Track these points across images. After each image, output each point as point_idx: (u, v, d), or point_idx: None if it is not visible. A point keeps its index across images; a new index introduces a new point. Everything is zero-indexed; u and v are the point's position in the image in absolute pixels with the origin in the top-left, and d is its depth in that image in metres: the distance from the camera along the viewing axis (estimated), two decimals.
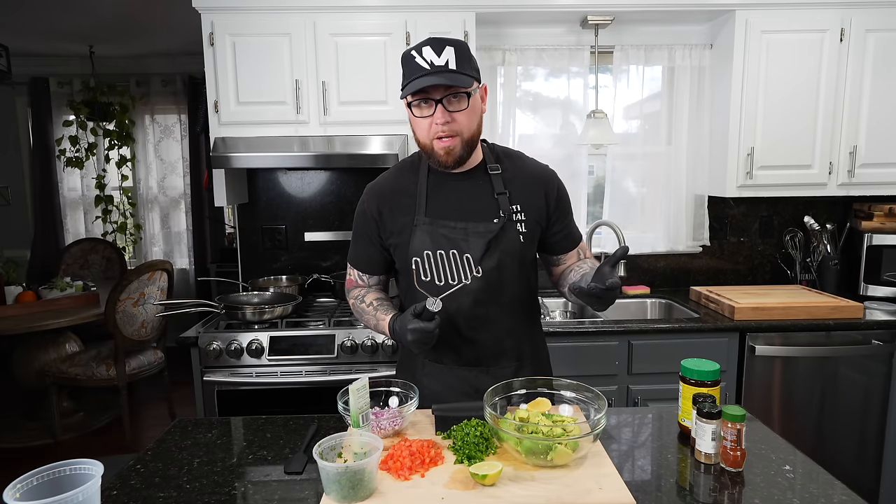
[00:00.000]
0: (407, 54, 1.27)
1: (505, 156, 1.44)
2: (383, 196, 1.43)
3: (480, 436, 1.16)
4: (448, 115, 1.26)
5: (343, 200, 2.83)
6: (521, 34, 2.73)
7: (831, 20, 2.46)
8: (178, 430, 1.36)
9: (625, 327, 2.27)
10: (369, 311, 1.43)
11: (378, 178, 1.50)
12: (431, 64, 1.22)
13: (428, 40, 1.26)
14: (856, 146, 2.53)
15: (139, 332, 3.29)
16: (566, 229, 1.47)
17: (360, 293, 1.48)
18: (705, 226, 2.87)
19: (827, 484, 1.09)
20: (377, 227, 1.43)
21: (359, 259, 1.49)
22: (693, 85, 2.76)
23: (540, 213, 1.41)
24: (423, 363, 1.45)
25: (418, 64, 1.23)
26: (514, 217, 1.37)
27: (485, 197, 1.38)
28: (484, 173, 1.39)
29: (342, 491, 0.98)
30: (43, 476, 0.92)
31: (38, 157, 4.75)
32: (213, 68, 2.39)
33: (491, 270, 1.35)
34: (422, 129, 1.31)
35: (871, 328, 2.30)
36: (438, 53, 1.23)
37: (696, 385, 1.27)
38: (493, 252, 1.35)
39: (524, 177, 1.41)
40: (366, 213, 1.44)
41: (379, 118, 2.44)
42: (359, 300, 1.47)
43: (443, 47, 1.24)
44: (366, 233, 1.45)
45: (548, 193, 1.41)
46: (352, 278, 1.51)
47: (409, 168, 1.45)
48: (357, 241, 1.49)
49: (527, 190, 1.40)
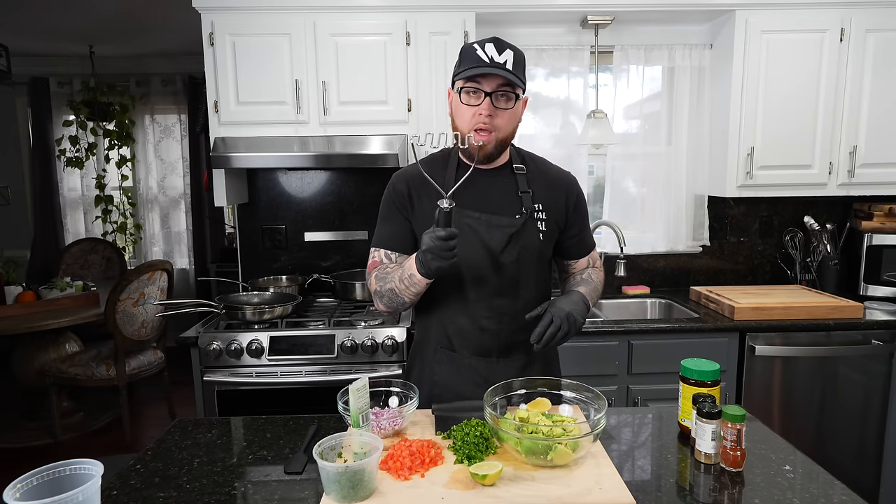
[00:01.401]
0: (468, 46, 1.32)
1: (530, 158, 1.51)
2: (413, 180, 1.45)
3: (480, 436, 1.16)
4: (493, 109, 1.32)
5: (343, 200, 2.83)
6: (521, 34, 2.73)
7: (831, 20, 2.46)
8: (178, 430, 1.36)
9: (625, 327, 2.27)
10: (393, 269, 1.40)
11: (405, 167, 1.53)
12: (491, 59, 1.28)
13: (492, 38, 1.31)
14: (856, 146, 2.53)
15: (139, 332, 3.29)
16: (581, 234, 1.53)
17: (383, 267, 1.45)
18: (705, 226, 2.87)
19: (827, 484, 1.09)
20: (409, 205, 1.44)
21: (390, 237, 1.46)
22: (693, 85, 2.76)
23: (559, 214, 1.47)
24: (435, 350, 1.47)
25: (479, 56, 1.29)
26: (535, 215, 1.43)
27: (509, 194, 1.43)
28: (510, 172, 1.46)
29: (342, 491, 0.98)
30: (43, 476, 0.92)
31: (38, 157, 4.75)
32: (213, 68, 2.39)
33: (510, 264, 1.41)
34: (464, 118, 1.35)
35: (871, 328, 2.30)
36: (499, 52, 1.29)
37: (696, 385, 1.27)
38: (514, 246, 1.40)
39: (547, 179, 1.48)
40: (397, 192, 1.46)
41: (379, 118, 2.44)
42: (382, 269, 1.44)
43: (504, 48, 1.30)
44: (396, 211, 1.46)
45: (568, 197, 1.48)
46: (376, 259, 1.47)
47: (439, 161, 1.49)
48: (387, 221, 1.47)
49: (549, 191, 1.46)
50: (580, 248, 1.55)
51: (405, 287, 1.33)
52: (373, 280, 1.44)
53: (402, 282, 1.34)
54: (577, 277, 1.55)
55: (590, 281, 1.51)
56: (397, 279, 1.35)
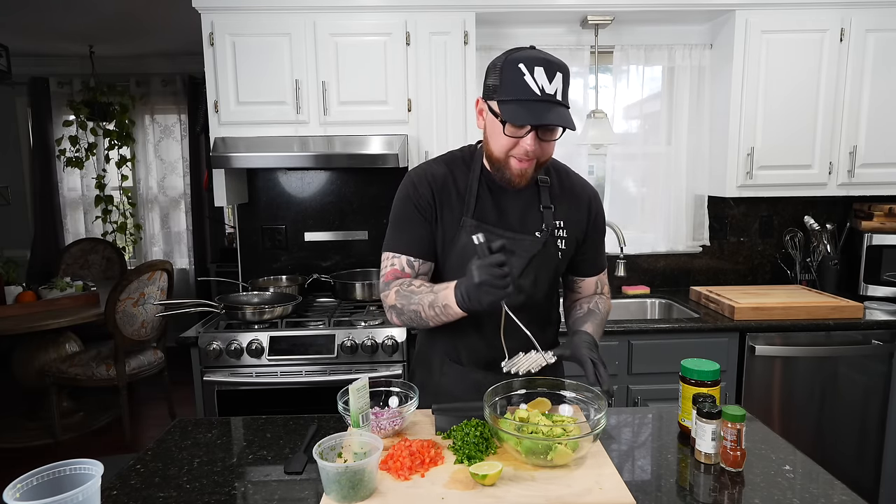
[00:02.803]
0: (513, 65, 1.16)
1: (554, 169, 1.43)
2: (436, 182, 1.34)
3: (480, 436, 1.16)
4: (539, 143, 1.21)
5: (343, 200, 2.83)
6: (521, 34, 2.73)
7: (831, 20, 2.46)
8: (178, 430, 1.36)
9: (625, 327, 2.27)
10: (421, 291, 1.27)
11: (426, 164, 1.40)
12: (542, 90, 1.14)
13: (541, 60, 1.15)
14: (856, 146, 2.53)
15: (139, 332, 3.29)
16: (594, 252, 1.47)
17: (403, 280, 1.33)
18: (705, 226, 2.87)
19: (827, 484, 1.09)
20: (432, 210, 1.34)
21: (413, 242, 1.35)
22: (693, 85, 2.76)
23: (579, 232, 1.41)
24: (442, 363, 1.44)
25: (528, 85, 1.15)
26: (556, 232, 1.37)
27: (531, 208, 1.36)
28: (534, 184, 1.37)
29: (342, 491, 0.98)
30: (43, 476, 0.92)
31: (38, 157, 4.75)
32: (213, 68, 2.39)
33: (528, 285, 1.35)
34: (500, 143, 1.23)
35: (871, 328, 2.30)
36: (550, 78, 1.15)
37: (696, 385, 1.27)
38: (532, 268, 1.35)
39: (570, 194, 1.41)
40: (420, 196, 1.34)
41: (379, 118, 2.44)
42: (404, 286, 1.31)
43: (554, 72, 1.15)
44: (418, 214, 1.34)
45: (590, 214, 1.42)
46: (396, 268, 1.35)
47: (461, 161, 1.39)
48: (406, 226, 1.35)
49: (571, 207, 1.40)
50: (592, 267, 1.48)
51: (434, 314, 1.24)
52: (392, 294, 1.32)
53: (433, 309, 1.23)
54: (583, 307, 1.46)
55: (596, 313, 1.43)
56: (426, 305, 1.24)
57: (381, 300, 1.38)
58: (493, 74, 1.22)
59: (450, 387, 1.42)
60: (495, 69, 1.21)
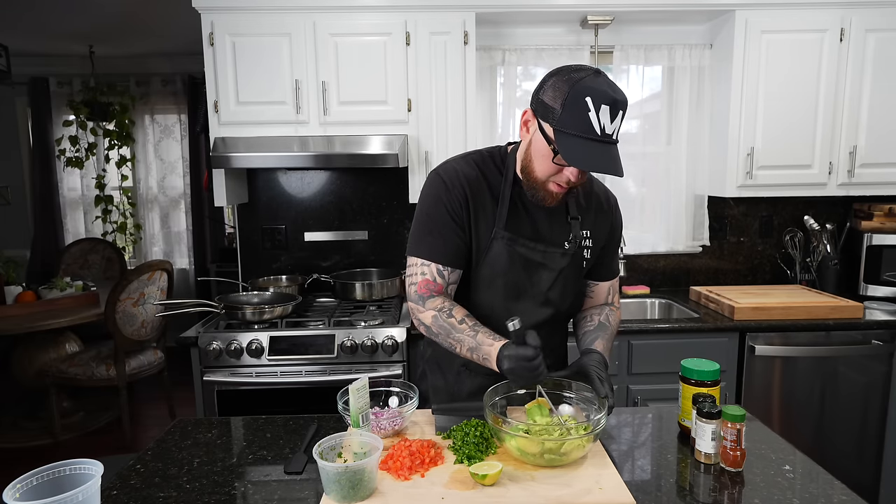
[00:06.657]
0: (582, 100, 1.11)
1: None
2: (471, 186, 1.29)
3: (480, 436, 1.16)
4: (581, 174, 1.21)
5: (343, 200, 2.83)
6: (521, 34, 2.73)
7: (831, 20, 2.46)
8: (178, 430, 1.36)
9: (625, 327, 2.26)
10: (464, 330, 1.23)
11: (456, 163, 1.33)
12: (603, 130, 1.13)
13: (609, 98, 1.11)
14: (856, 146, 2.53)
15: (139, 332, 3.28)
16: (608, 257, 1.47)
17: (443, 304, 1.27)
18: (705, 226, 2.87)
19: (827, 484, 1.09)
20: (467, 215, 1.29)
21: (442, 250, 1.28)
22: (693, 85, 2.76)
23: (603, 239, 1.42)
24: (459, 372, 1.43)
25: (590, 123, 1.12)
26: (582, 243, 1.37)
27: (559, 219, 1.35)
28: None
29: (342, 491, 0.98)
30: (43, 476, 0.92)
31: (38, 157, 4.75)
32: (213, 68, 2.39)
33: (556, 299, 1.37)
34: (544, 169, 1.21)
35: (871, 328, 2.30)
36: (613, 118, 1.13)
37: (696, 385, 1.27)
38: (560, 280, 1.36)
39: (596, 203, 1.41)
40: (453, 200, 1.28)
41: (379, 118, 2.44)
42: (444, 314, 1.25)
43: (618, 112, 1.14)
44: (451, 220, 1.28)
45: (613, 222, 1.43)
46: (427, 278, 1.28)
47: (492, 164, 1.34)
48: (436, 230, 1.28)
49: (597, 217, 1.40)
50: (606, 273, 1.48)
51: (471, 357, 1.23)
52: (429, 317, 1.27)
53: (472, 353, 1.22)
54: (594, 319, 1.43)
55: (607, 327, 1.40)
56: (465, 348, 1.23)
57: (411, 310, 1.33)
58: (554, 95, 1.15)
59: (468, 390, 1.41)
60: (559, 92, 1.14)
